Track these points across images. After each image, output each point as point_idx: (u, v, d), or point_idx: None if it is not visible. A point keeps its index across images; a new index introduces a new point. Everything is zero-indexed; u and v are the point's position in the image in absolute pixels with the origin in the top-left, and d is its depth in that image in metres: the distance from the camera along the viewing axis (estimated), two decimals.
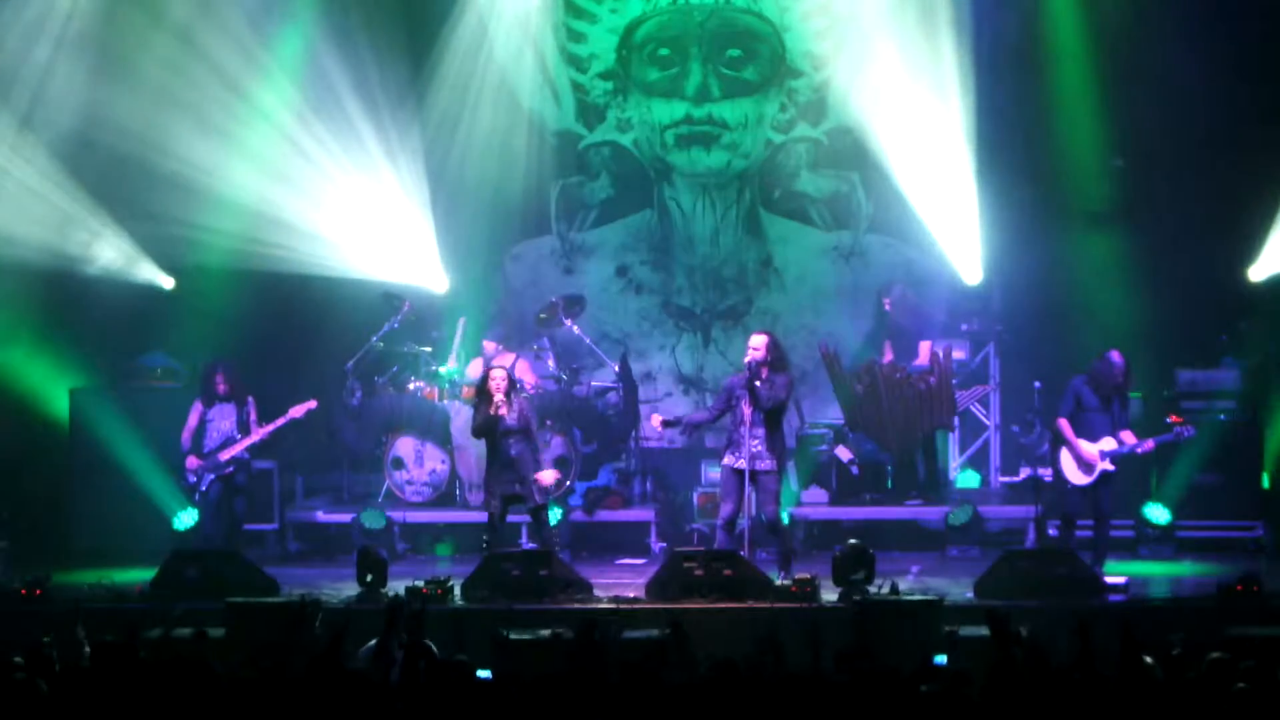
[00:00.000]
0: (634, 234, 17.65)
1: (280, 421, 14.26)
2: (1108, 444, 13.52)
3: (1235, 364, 15.64)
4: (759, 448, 12.93)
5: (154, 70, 15.95)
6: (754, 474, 12.92)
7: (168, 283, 16.45)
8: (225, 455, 14.16)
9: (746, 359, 13.09)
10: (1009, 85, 16.44)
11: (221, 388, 14.26)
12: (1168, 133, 16.07)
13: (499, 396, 13.30)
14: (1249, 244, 16.06)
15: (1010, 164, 16.47)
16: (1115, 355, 13.68)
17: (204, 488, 14.17)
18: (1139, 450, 13.59)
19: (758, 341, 13.12)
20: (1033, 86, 16.51)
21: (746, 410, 12.92)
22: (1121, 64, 16.20)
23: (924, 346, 15.81)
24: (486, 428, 13.38)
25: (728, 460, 13.06)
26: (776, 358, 13.09)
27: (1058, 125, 16.51)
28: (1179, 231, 16.07)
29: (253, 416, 14.29)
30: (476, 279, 17.26)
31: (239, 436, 14.19)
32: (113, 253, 16.16)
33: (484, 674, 8.79)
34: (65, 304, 16.04)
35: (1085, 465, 13.57)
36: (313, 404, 14.33)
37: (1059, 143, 16.50)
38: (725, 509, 13.07)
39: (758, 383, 12.93)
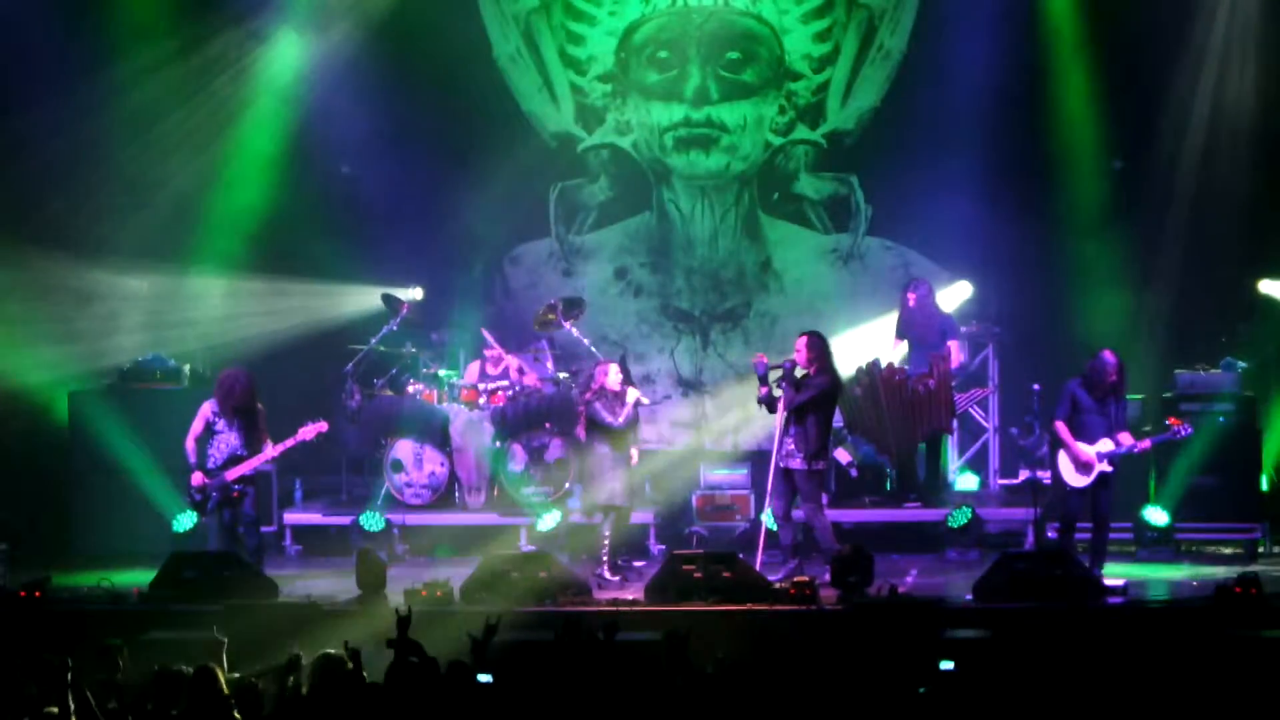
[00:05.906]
0: (633, 236, 17.65)
1: (290, 443, 13.69)
2: (1105, 445, 13.51)
3: (1234, 365, 15.63)
4: (790, 445, 13.23)
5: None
6: (787, 471, 13.23)
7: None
8: (232, 475, 13.58)
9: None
10: (1009, 84, 16.42)
11: (241, 399, 13.65)
12: (1167, 133, 16.11)
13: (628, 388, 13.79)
14: (1250, 245, 16.09)
15: (1010, 163, 16.46)
16: (1108, 354, 13.66)
17: (210, 507, 13.64)
18: (1136, 450, 13.60)
19: (799, 344, 13.39)
20: (1033, 84, 16.53)
21: (780, 408, 13.22)
22: (1121, 64, 16.25)
23: (954, 346, 15.85)
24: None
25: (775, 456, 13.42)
26: (814, 359, 13.25)
27: (1058, 125, 16.52)
28: (1179, 232, 16.08)
29: (262, 427, 13.70)
30: (475, 281, 17.26)
31: (245, 454, 13.60)
32: None
33: (485, 678, 8.79)
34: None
35: (1083, 467, 13.57)
36: (323, 426, 13.79)
37: (1059, 143, 16.51)
38: (773, 505, 13.40)
39: (784, 384, 13.18)
